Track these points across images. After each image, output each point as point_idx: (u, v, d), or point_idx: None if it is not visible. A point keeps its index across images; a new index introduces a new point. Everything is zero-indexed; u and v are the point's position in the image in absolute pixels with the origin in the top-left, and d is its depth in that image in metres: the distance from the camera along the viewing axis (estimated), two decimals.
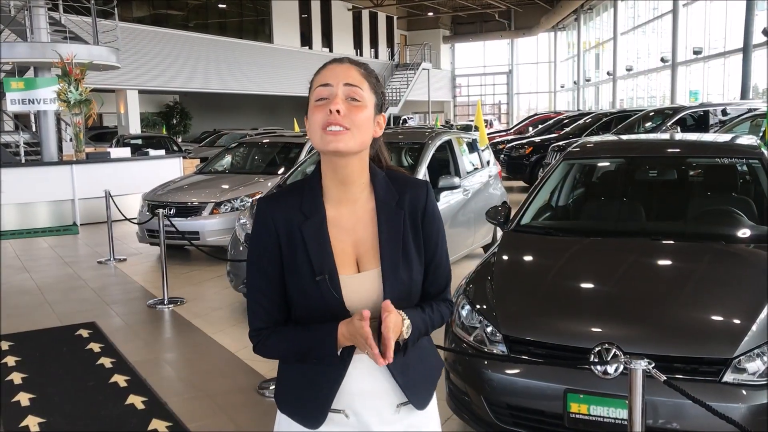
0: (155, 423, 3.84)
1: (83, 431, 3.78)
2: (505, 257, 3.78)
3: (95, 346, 5.21)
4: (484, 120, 34.37)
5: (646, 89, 30.06)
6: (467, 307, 3.43)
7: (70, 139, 12.93)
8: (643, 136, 6.58)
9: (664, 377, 2.14)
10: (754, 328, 2.86)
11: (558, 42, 43.78)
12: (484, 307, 3.34)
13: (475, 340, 3.28)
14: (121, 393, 4.29)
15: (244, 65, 25.85)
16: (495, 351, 3.18)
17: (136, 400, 4.16)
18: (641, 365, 2.17)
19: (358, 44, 35.43)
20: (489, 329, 3.24)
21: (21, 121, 17.41)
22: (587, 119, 17.39)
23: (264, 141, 10.96)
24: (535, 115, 26.68)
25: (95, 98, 12.44)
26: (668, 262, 3.53)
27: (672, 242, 3.71)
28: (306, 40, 31.20)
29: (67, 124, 14.02)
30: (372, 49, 36.92)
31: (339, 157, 1.56)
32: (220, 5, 28.28)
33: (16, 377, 4.60)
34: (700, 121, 13.34)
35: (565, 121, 19.25)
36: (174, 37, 23.92)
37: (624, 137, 6.32)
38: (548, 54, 44.62)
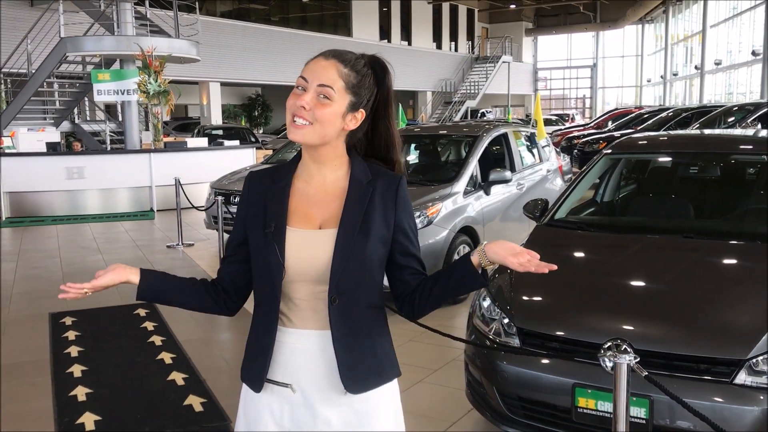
0: (191, 398, 4.04)
1: (123, 402, 4.02)
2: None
3: (149, 325, 5.49)
4: (566, 114, 33.84)
5: (735, 84, 28.73)
6: (488, 299, 3.45)
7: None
8: (687, 132, 6.36)
9: (645, 372, 2.12)
10: None
11: (645, 35, 42.38)
12: (503, 299, 3.36)
13: (493, 333, 3.31)
14: (166, 369, 4.53)
15: None
16: (510, 343, 3.19)
17: (178, 377, 4.38)
18: (626, 359, 2.16)
19: (437, 37, 35.32)
20: (505, 321, 3.26)
21: (109, 111, 18.34)
22: (668, 114, 16.87)
23: None
24: (615, 109, 25.97)
25: (173, 89, 12.95)
26: (692, 261, 3.43)
27: (701, 240, 3.60)
28: (385, 33, 31.39)
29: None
30: (452, 42, 36.76)
31: (304, 145, 1.71)
32: None
33: (74, 350, 4.92)
34: None
35: (645, 116, 18.70)
36: (255, 31, 24.53)
37: (667, 133, 6.14)
38: (635, 47, 43.28)
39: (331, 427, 1.69)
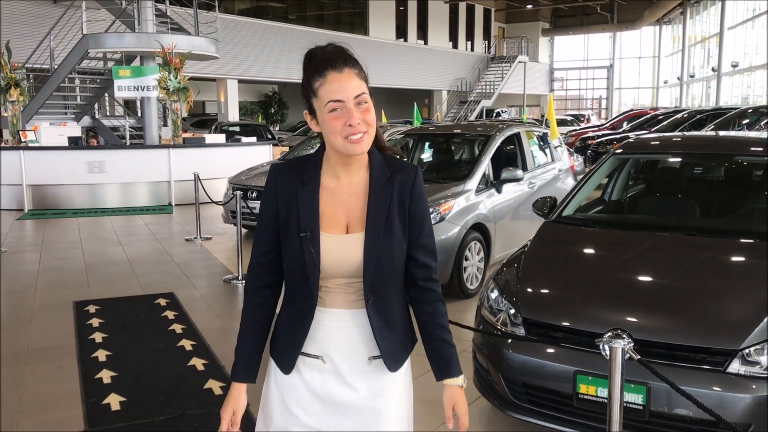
0: (211, 383, 4.23)
1: (146, 384, 4.22)
2: (536, 245, 3.93)
3: (170, 314, 5.69)
4: (581, 115, 33.78)
5: (752, 87, 28.58)
6: (496, 291, 3.61)
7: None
8: (692, 134, 6.47)
9: (638, 356, 2.27)
10: (766, 319, 2.91)
11: (663, 36, 42.24)
12: (509, 291, 3.52)
13: (500, 323, 3.46)
14: (186, 355, 4.72)
15: None
16: (516, 333, 3.35)
17: (198, 363, 4.58)
18: (621, 344, 2.31)
19: (453, 37, 35.40)
20: (512, 312, 3.42)
21: (129, 107, 18.63)
22: (682, 116, 16.93)
23: None
24: (630, 110, 25.99)
25: (192, 86, 13.18)
26: (692, 256, 3.57)
27: (703, 238, 3.74)
28: (401, 32, 31.53)
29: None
30: (468, 42, 36.83)
31: (360, 154, 1.82)
32: None
33: (98, 336, 5.13)
34: None
35: (660, 118, 18.75)
36: (273, 29, 24.76)
37: (673, 134, 6.27)
38: (652, 48, 43.16)
39: (358, 392, 1.88)
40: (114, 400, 3.98)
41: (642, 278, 3.47)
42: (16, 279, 7.09)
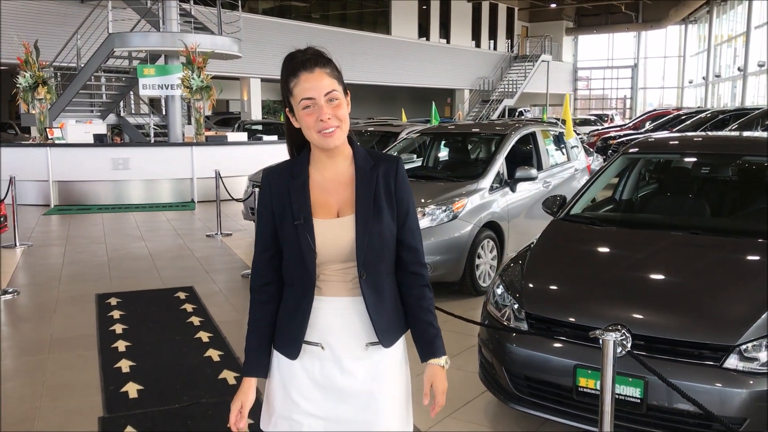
0: (226, 373, 4.36)
1: (163, 374, 4.36)
2: (542, 243, 4.01)
3: (188, 307, 5.84)
4: (605, 114, 33.55)
5: None
6: (501, 287, 3.70)
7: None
8: (701, 133, 6.48)
9: (628, 348, 2.35)
10: (763, 317, 2.97)
11: (688, 35, 41.80)
12: (514, 287, 3.60)
13: (506, 318, 3.55)
14: (203, 347, 4.86)
15: (363, 56, 26.52)
16: (520, 327, 3.43)
17: (214, 354, 4.71)
18: (613, 336, 2.38)
19: (476, 36, 35.37)
20: (516, 307, 3.50)
21: (153, 105, 18.90)
22: (705, 115, 16.83)
23: (368, 129, 11.44)
24: (653, 110, 25.83)
25: (215, 85, 13.37)
26: (694, 255, 3.62)
27: (706, 237, 3.79)
28: (424, 31, 31.58)
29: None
30: (491, 41, 36.77)
31: (336, 147, 1.96)
32: None
33: (118, 328, 5.29)
34: None
35: (683, 117, 18.63)
36: (296, 28, 24.93)
37: (684, 134, 6.30)
38: (677, 48, 42.74)
39: (356, 378, 1.98)
40: (132, 389, 4.12)
41: (643, 275, 3.53)
42: (41, 272, 7.31)
